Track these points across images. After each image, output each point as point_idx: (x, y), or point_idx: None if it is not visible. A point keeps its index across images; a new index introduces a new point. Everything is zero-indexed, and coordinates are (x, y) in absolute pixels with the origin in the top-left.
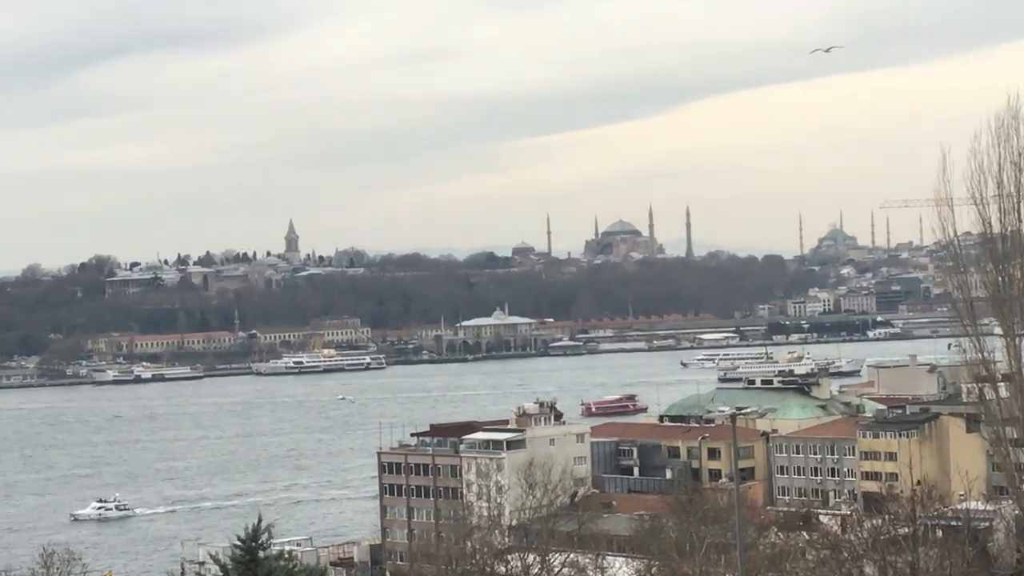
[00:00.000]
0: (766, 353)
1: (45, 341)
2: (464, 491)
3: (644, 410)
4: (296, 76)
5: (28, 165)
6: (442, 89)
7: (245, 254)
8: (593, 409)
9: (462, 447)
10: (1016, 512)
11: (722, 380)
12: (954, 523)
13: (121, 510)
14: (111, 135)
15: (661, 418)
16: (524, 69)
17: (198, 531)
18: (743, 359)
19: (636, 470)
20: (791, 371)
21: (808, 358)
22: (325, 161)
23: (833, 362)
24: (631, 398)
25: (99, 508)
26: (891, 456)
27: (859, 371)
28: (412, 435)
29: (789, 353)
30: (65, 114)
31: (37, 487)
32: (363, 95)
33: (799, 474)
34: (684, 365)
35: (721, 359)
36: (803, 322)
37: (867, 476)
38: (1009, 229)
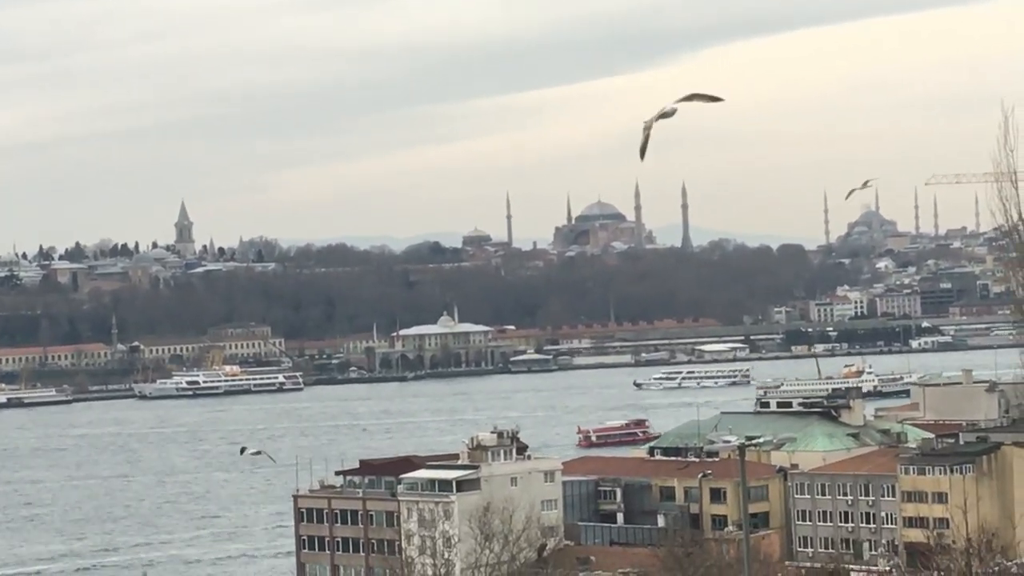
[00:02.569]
0: (785, 362)
1: None
2: (403, 544)
3: (657, 438)
4: (187, 21)
5: None
6: (374, 37)
7: (125, 246)
8: (593, 438)
9: (400, 488)
10: None
11: (761, 403)
12: None
13: None
14: None
15: (652, 451)
16: (480, 10)
17: None
18: (710, 376)
19: (620, 516)
20: (854, 388)
21: (870, 372)
22: (226, 129)
23: (902, 376)
24: (640, 423)
25: None
26: (940, 497)
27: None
28: (337, 474)
29: (846, 367)
30: None
31: None
32: (273, 45)
33: (825, 520)
34: (638, 386)
35: (684, 377)
36: (829, 329)
37: (910, 522)
38: None
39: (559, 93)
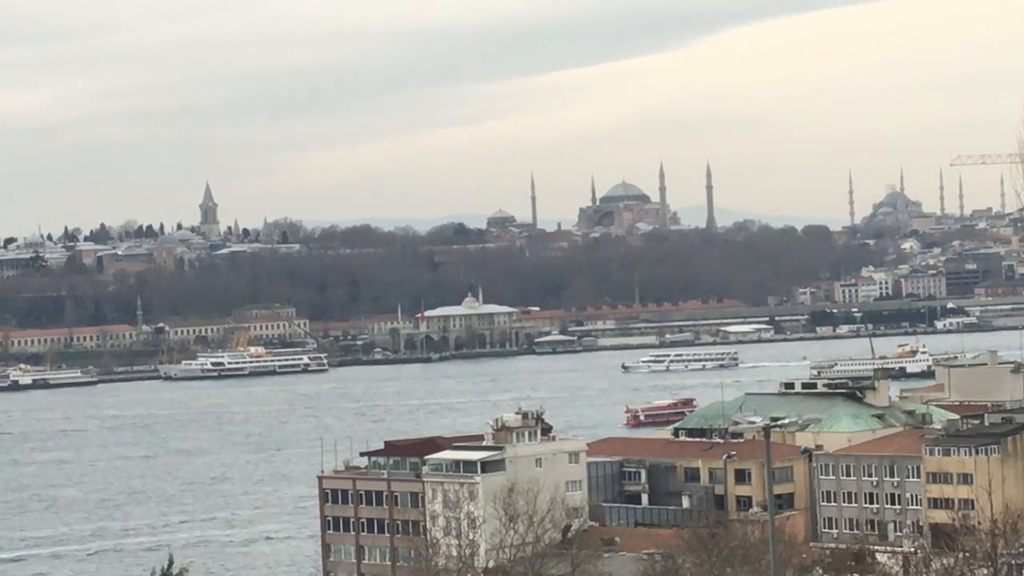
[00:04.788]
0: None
1: None
2: (428, 525)
3: None
4: (213, 2)
5: None
6: (399, 19)
7: (150, 227)
8: (642, 417)
9: (425, 470)
10: None
11: (786, 384)
12: None
13: None
14: None
15: (676, 432)
16: None
17: None
18: (698, 359)
19: (645, 497)
20: (903, 369)
21: (924, 351)
22: (250, 110)
23: (955, 356)
24: (688, 403)
25: None
26: (965, 478)
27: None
28: (362, 455)
29: (900, 346)
30: None
31: None
32: (300, 26)
33: (850, 501)
34: (625, 369)
35: (672, 360)
36: (854, 310)
37: (935, 504)
38: None
39: (584, 74)
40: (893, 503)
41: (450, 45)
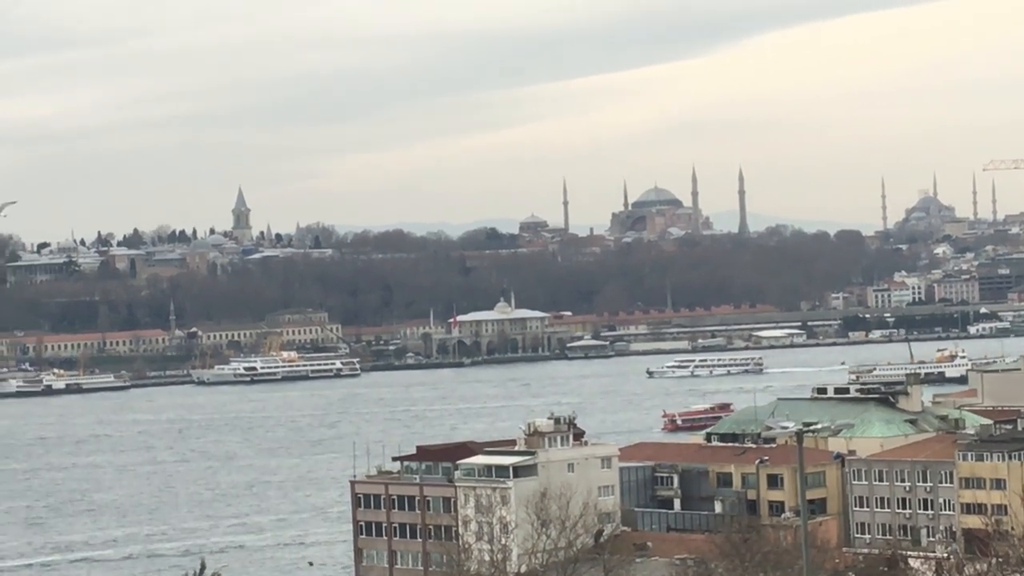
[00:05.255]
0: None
1: None
2: (460, 530)
3: None
4: (245, 8)
5: None
6: (432, 24)
7: (183, 232)
8: (679, 422)
9: (457, 474)
10: None
11: (818, 389)
12: None
13: None
14: (7, 81)
15: (708, 437)
16: None
17: None
18: (723, 365)
19: (677, 503)
20: (941, 373)
21: (963, 356)
22: (283, 115)
23: (994, 361)
24: (725, 407)
25: None
26: (999, 483)
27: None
28: (394, 459)
29: (939, 351)
30: None
31: None
32: (331, 31)
33: (883, 507)
34: (650, 374)
35: (697, 365)
36: (887, 315)
37: (968, 509)
38: None
39: (616, 79)
40: (926, 508)
41: (482, 50)
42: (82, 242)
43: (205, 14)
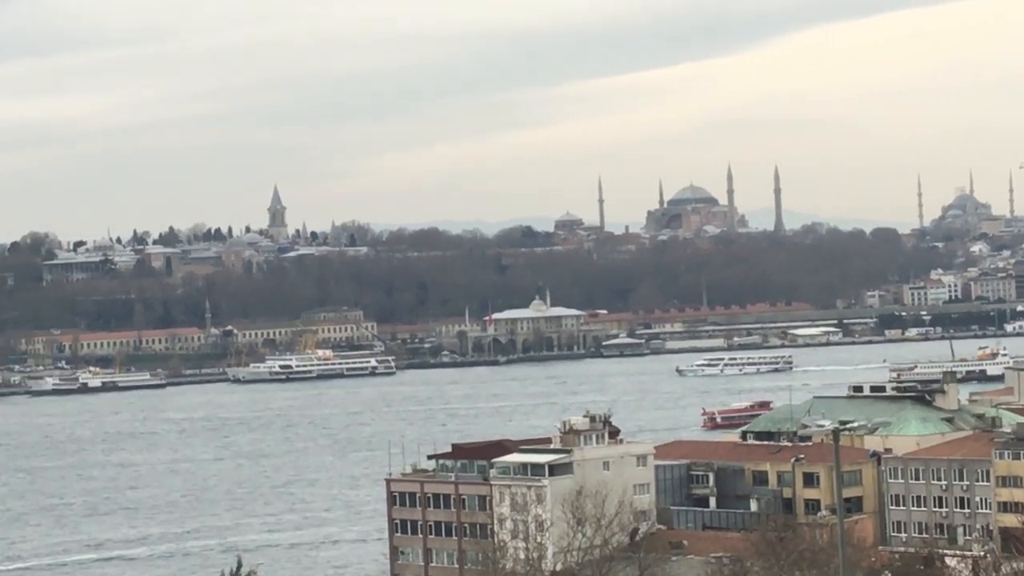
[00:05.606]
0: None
1: None
2: (495, 528)
3: None
4: (280, 6)
5: None
6: (466, 23)
7: (218, 231)
8: (719, 419)
9: (493, 473)
10: None
11: (854, 387)
12: None
13: None
14: (44, 80)
15: (744, 435)
16: None
17: None
18: (752, 363)
19: (712, 501)
20: (983, 371)
21: (1004, 354)
22: (319, 113)
23: None
24: (764, 405)
25: None
26: None
27: None
28: (429, 457)
29: (980, 349)
30: None
31: None
32: (365, 30)
33: (919, 505)
34: (680, 373)
35: (727, 363)
36: (923, 313)
37: (1005, 507)
38: None
39: (651, 77)
40: (962, 507)
41: (516, 49)
42: (118, 240)
43: (238, 14)
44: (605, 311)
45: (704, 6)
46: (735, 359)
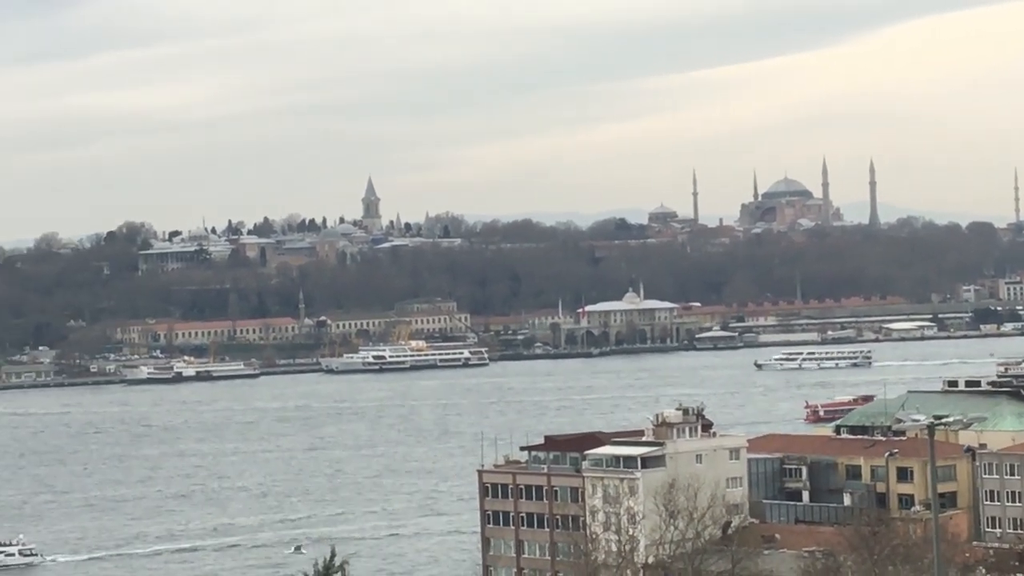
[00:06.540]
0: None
1: (64, 330)
2: (588, 520)
3: None
4: None
5: (29, 110)
6: (560, 16)
7: (312, 221)
8: (821, 413)
9: (585, 465)
10: None
11: (949, 382)
12: None
13: (26, 556)
14: (139, 71)
15: (838, 429)
16: None
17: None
18: (831, 358)
19: (806, 495)
20: None
21: None
22: (413, 105)
23: None
24: (868, 399)
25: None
26: None
27: None
28: (522, 449)
29: None
30: (74, 46)
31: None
32: (461, 23)
33: (1014, 501)
34: (759, 367)
35: (805, 358)
36: (1019, 308)
37: None
38: None
39: (744, 70)
40: None
41: (606, 41)
42: (213, 230)
43: (331, 6)
44: (698, 304)
45: (795, 1)
46: (813, 353)
